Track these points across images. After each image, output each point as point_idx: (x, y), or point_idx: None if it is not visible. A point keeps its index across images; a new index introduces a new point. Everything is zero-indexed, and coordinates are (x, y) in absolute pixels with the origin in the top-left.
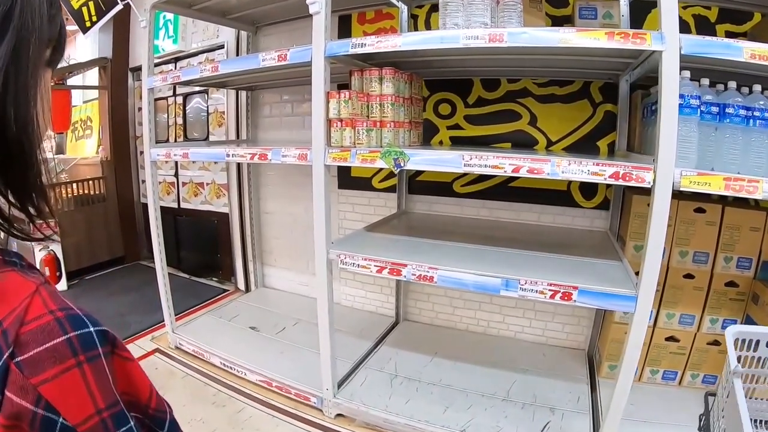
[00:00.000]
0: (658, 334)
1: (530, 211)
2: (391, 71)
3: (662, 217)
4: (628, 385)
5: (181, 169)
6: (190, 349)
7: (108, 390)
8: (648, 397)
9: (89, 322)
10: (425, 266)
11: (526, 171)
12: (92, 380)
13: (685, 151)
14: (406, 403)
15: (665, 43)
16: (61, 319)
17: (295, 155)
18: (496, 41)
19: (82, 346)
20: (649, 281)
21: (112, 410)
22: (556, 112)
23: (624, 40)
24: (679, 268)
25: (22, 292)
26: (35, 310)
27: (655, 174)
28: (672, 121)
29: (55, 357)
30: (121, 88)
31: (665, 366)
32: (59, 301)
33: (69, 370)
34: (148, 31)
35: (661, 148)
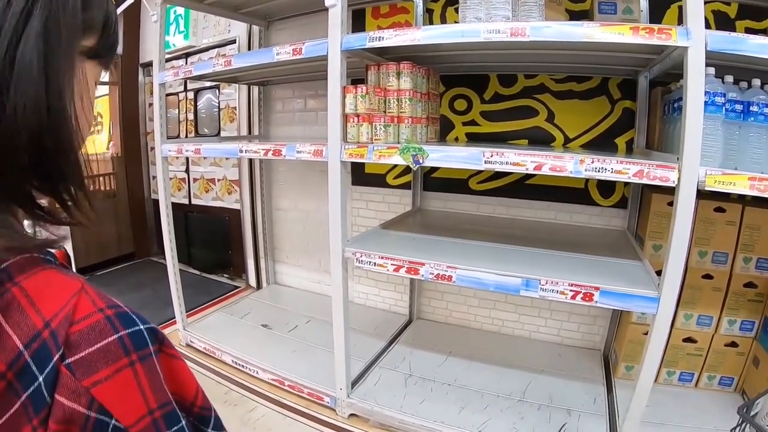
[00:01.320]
0: (676, 334)
1: (547, 209)
2: (409, 65)
3: (686, 217)
4: (648, 388)
5: (192, 165)
6: (201, 347)
7: (160, 389)
8: (664, 399)
9: (139, 320)
10: (443, 265)
11: (548, 168)
12: (144, 380)
13: (710, 150)
14: (420, 404)
15: (691, 39)
16: (111, 317)
17: (310, 151)
18: (518, 35)
19: (135, 345)
20: (671, 282)
21: (164, 410)
22: (573, 108)
23: (649, 35)
24: (698, 268)
25: (68, 291)
26: (84, 308)
27: (680, 173)
28: (697, 119)
29: (107, 357)
30: (131, 83)
31: (682, 367)
32: (107, 299)
33: (122, 371)
34: (159, 26)
35: (686, 146)
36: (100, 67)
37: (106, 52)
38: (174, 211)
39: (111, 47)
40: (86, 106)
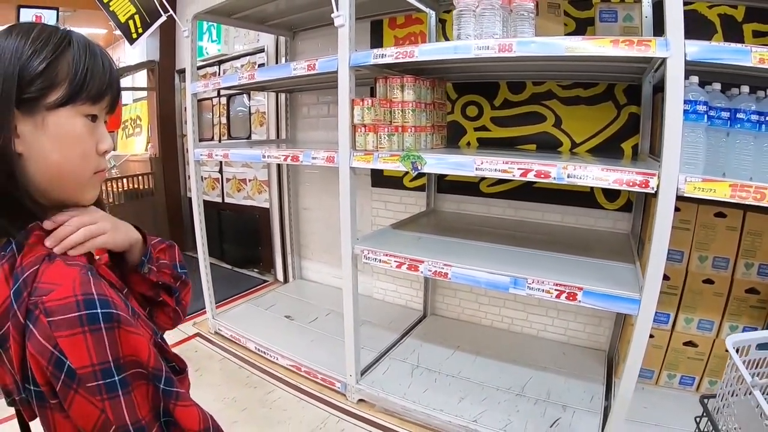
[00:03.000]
0: (676, 338)
1: (554, 211)
2: (412, 79)
3: (666, 223)
4: (630, 386)
5: (225, 165)
6: (228, 335)
7: (102, 352)
8: (663, 401)
9: (99, 304)
10: (440, 263)
11: (533, 175)
12: (91, 344)
13: (693, 157)
14: (423, 392)
15: (670, 50)
16: (79, 301)
17: (323, 158)
18: (505, 51)
19: (88, 321)
20: (652, 285)
21: (102, 366)
22: (580, 114)
23: (629, 47)
24: (698, 272)
25: (66, 277)
26: (66, 291)
27: (659, 180)
28: (676, 127)
29: (69, 324)
30: (168, 88)
31: (683, 371)
32: (85, 287)
33: (77, 335)
34: (191, 40)
35: (665, 153)
36: (85, 105)
37: (79, 93)
38: (208, 209)
39: (84, 89)
40: (53, 149)
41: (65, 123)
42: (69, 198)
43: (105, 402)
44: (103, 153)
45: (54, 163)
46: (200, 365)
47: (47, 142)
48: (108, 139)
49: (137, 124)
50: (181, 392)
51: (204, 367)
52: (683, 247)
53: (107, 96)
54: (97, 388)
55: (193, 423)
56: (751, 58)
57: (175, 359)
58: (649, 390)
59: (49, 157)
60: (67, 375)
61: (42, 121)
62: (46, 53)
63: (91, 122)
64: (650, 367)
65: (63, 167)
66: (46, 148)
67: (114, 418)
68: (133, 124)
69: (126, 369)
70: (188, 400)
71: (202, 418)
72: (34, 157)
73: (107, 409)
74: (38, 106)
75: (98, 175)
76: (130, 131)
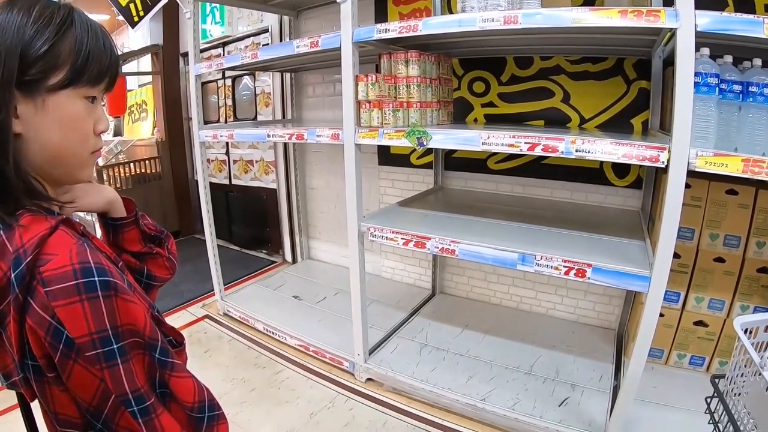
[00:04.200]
0: (687, 317)
1: (563, 188)
2: (416, 54)
3: (677, 199)
4: (640, 366)
5: (232, 147)
6: (237, 316)
7: (100, 320)
8: (673, 381)
9: (96, 272)
10: (447, 240)
11: (541, 149)
12: (88, 312)
13: (704, 131)
14: (431, 371)
15: (679, 21)
16: (76, 270)
17: (328, 135)
18: (510, 23)
19: (86, 290)
20: (663, 262)
21: (101, 334)
22: (589, 89)
23: (637, 18)
24: (709, 251)
25: (62, 246)
26: (63, 260)
27: (670, 154)
28: (687, 100)
29: (66, 293)
30: (172, 72)
31: (693, 351)
32: (82, 256)
33: (74, 303)
34: (193, 22)
35: (675, 127)
36: (86, 87)
37: (80, 76)
38: (215, 191)
39: (86, 71)
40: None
41: (66, 105)
42: (67, 177)
43: (104, 371)
44: (100, 133)
45: (54, 145)
46: (209, 346)
47: (47, 124)
48: (105, 120)
49: (143, 109)
50: (176, 363)
51: (213, 348)
52: (694, 225)
53: (107, 77)
54: (95, 356)
55: (188, 394)
56: (764, 29)
57: (172, 332)
58: (659, 370)
59: (49, 138)
60: (65, 345)
61: (42, 103)
62: (49, 33)
63: (90, 103)
64: (660, 346)
65: (62, 148)
66: (46, 129)
67: (113, 387)
68: (139, 109)
69: (124, 338)
70: (184, 371)
71: (197, 390)
72: (33, 138)
73: (106, 378)
74: (39, 88)
75: (95, 154)
76: (136, 116)
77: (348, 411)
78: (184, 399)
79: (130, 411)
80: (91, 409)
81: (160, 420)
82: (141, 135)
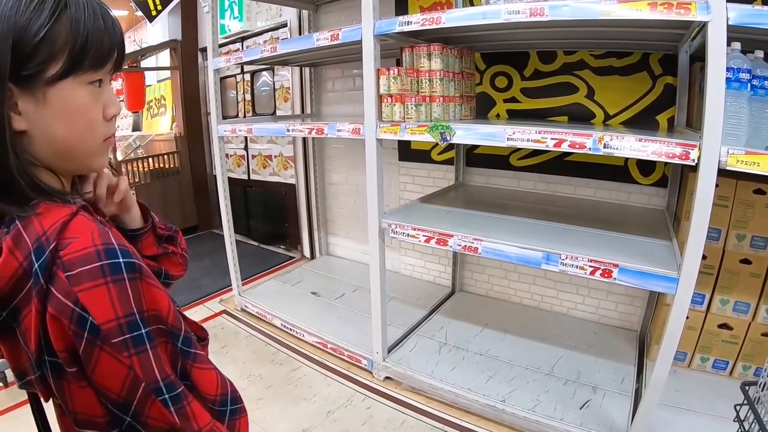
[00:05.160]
0: (711, 320)
1: (587, 186)
2: (439, 47)
3: (707, 197)
4: (665, 370)
5: (251, 142)
6: (254, 311)
7: (127, 304)
8: (695, 385)
9: (120, 254)
10: (470, 237)
11: (567, 145)
12: (114, 295)
13: (735, 129)
14: (451, 371)
15: (711, 13)
16: (100, 251)
17: (349, 130)
18: (537, 15)
19: (111, 271)
20: (691, 264)
21: (128, 319)
22: (614, 84)
23: (668, 10)
24: (735, 252)
25: (60, 215)
26: (85, 242)
27: (701, 151)
28: (718, 96)
29: (90, 275)
30: (191, 67)
31: (716, 354)
32: (105, 237)
33: (99, 287)
34: (212, 16)
35: (706, 124)
36: (88, 73)
37: (80, 63)
38: (234, 186)
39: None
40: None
41: (68, 96)
42: (79, 168)
43: (133, 358)
44: (111, 118)
45: (60, 138)
46: (226, 342)
47: (50, 117)
48: (115, 103)
49: (162, 104)
50: (199, 354)
51: (230, 344)
52: (721, 225)
53: (111, 58)
54: (123, 342)
55: (211, 387)
56: None
57: (194, 327)
58: (682, 373)
59: (54, 132)
60: (90, 332)
61: (43, 96)
62: (43, 20)
63: (96, 88)
64: (683, 349)
65: (69, 141)
66: (50, 123)
67: (143, 375)
68: (158, 104)
69: (150, 323)
70: (207, 363)
71: (220, 383)
72: (38, 134)
73: (135, 366)
74: (37, 81)
75: (107, 141)
76: (155, 111)
77: (366, 410)
78: (206, 391)
79: (161, 399)
80: (120, 401)
81: (192, 407)
82: (160, 130)
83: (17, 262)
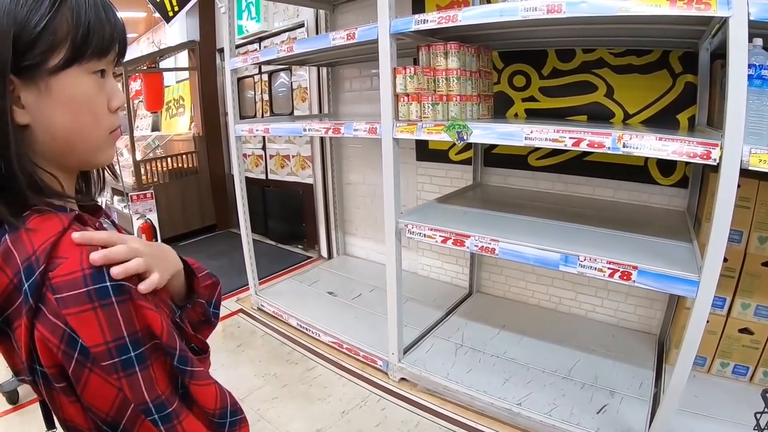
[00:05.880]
0: (731, 324)
1: (606, 186)
2: (456, 45)
3: (729, 197)
4: (684, 376)
5: (269, 142)
6: (271, 311)
7: (116, 327)
8: (714, 391)
9: (108, 277)
10: (487, 238)
11: (586, 145)
12: (102, 320)
13: (757, 127)
14: (467, 373)
15: (732, 9)
16: (86, 275)
17: (365, 129)
18: (554, 12)
19: (98, 296)
20: (712, 266)
21: (117, 342)
22: (633, 83)
23: (687, 6)
24: (757, 254)
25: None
26: (73, 265)
27: (722, 151)
28: (740, 94)
29: (78, 300)
30: (209, 68)
31: (737, 359)
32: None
33: (86, 312)
34: (228, 16)
35: (728, 123)
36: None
37: (83, 52)
38: (252, 186)
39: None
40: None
41: (71, 85)
42: (83, 163)
43: (122, 380)
44: (116, 110)
45: (63, 130)
46: (242, 341)
47: (53, 109)
48: (120, 94)
49: (180, 104)
50: (195, 371)
51: (246, 343)
52: (742, 227)
53: (114, 48)
54: (113, 366)
55: (209, 401)
56: None
57: (194, 340)
58: (701, 378)
59: (57, 124)
60: (80, 353)
61: (45, 87)
62: (44, 10)
63: (99, 78)
64: (703, 354)
65: (74, 133)
66: (54, 115)
67: (132, 396)
68: (176, 105)
69: (143, 342)
70: (205, 378)
71: (219, 397)
72: (41, 127)
73: (125, 387)
74: (40, 72)
75: (113, 134)
76: (174, 111)
77: (380, 411)
78: (205, 405)
79: (151, 419)
80: (109, 420)
81: (183, 426)
82: (178, 130)
83: (8, 279)
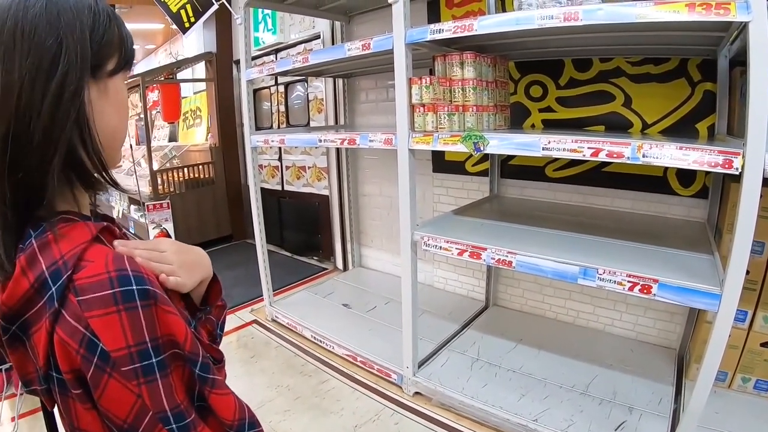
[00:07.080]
0: (753, 338)
1: (624, 197)
2: (472, 55)
3: (752, 208)
4: (705, 392)
5: (285, 153)
6: (285, 322)
7: (139, 332)
8: (736, 407)
9: (134, 281)
10: (504, 251)
11: (605, 155)
12: (126, 323)
13: None
14: (482, 387)
15: (751, 13)
16: (113, 278)
17: (381, 140)
18: (571, 20)
19: (123, 299)
20: (735, 279)
21: (139, 347)
22: (651, 92)
23: (706, 11)
24: None
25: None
26: (98, 268)
27: (744, 159)
28: (762, 101)
29: (102, 302)
30: (226, 79)
31: (759, 375)
32: (119, 263)
33: (110, 314)
34: (244, 27)
35: (750, 130)
36: (126, 73)
37: (127, 62)
38: (268, 197)
39: (131, 57)
40: (113, 113)
41: (120, 88)
42: (114, 160)
43: (142, 386)
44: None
45: (112, 128)
46: (256, 352)
47: (108, 108)
48: None
49: (197, 115)
50: (217, 379)
51: (259, 354)
52: (764, 238)
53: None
54: (133, 371)
55: (228, 412)
56: None
57: (211, 351)
58: (721, 394)
59: (110, 122)
60: (100, 358)
61: (105, 87)
62: (104, 19)
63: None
64: (724, 368)
65: (118, 131)
66: (107, 113)
67: (151, 404)
68: (193, 115)
69: (164, 350)
70: (224, 388)
71: (238, 408)
72: (96, 123)
73: (144, 394)
74: (101, 73)
75: None
76: (191, 122)
77: (393, 425)
78: (223, 416)
79: (168, 429)
80: (125, 427)
81: None
82: (195, 140)
83: (28, 283)
